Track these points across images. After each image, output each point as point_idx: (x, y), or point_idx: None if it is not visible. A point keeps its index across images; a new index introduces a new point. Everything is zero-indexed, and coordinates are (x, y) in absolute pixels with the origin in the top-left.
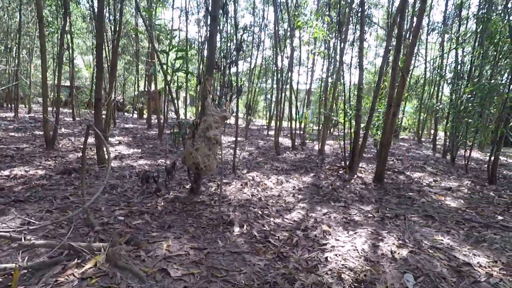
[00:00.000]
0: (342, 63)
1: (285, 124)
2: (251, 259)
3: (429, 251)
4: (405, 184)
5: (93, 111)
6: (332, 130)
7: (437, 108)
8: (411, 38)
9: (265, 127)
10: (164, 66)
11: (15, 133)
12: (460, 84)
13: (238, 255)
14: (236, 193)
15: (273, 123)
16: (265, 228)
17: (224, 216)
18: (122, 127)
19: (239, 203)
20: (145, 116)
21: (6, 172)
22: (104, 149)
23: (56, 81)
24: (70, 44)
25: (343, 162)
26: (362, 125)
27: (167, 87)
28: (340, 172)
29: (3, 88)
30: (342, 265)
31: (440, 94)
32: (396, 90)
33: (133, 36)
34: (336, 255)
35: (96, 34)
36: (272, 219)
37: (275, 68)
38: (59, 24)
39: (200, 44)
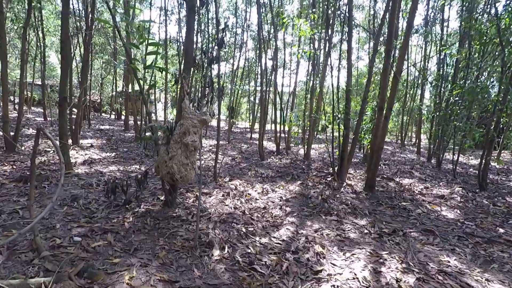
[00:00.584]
0: (328, 63)
1: (268, 127)
2: None
3: (438, 278)
4: (397, 192)
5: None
6: (317, 134)
7: (423, 110)
8: (402, 38)
9: (248, 129)
10: (136, 63)
11: None
12: (444, 87)
13: None
14: (217, 206)
15: (256, 126)
16: (249, 251)
17: (202, 235)
18: (97, 128)
19: (220, 218)
20: (123, 117)
21: None
22: (60, 155)
23: (27, 78)
24: (42, 41)
25: (330, 169)
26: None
27: (137, 86)
28: (328, 179)
29: None
30: None
31: (421, 97)
32: (388, 92)
33: (111, 34)
34: (333, 286)
35: (61, 23)
36: (258, 238)
37: (259, 69)
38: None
39: (180, 44)
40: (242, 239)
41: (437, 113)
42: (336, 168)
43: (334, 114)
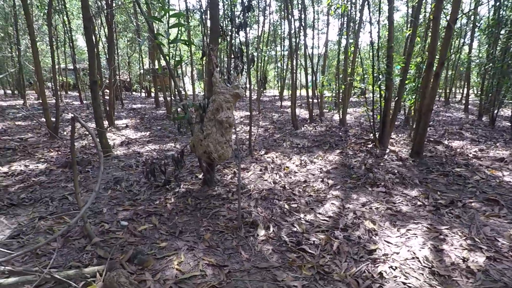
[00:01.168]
0: (364, 18)
1: (297, 93)
2: (284, 277)
3: None
4: (448, 156)
5: (101, 93)
6: (357, 97)
7: (474, 62)
8: None
9: (277, 97)
10: (160, 38)
11: (22, 122)
12: (500, 33)
13: (267, 272)
14: (255, 181)
15: (285, 93)
16: (295, 229)
17: (245, 213)
18: (130, 108)
19: (261, 195)
20: (153, 94)
21: (5, 169)
22: (97, 144)
23: (61, 64)
24: (68, 25)
25: (371, 135)
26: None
27: (163, 62)
28: (369, 146)
29: (1, 76)
30: (404, 284)
31: (470, 48)
32: (439, 45)
33: (132, 11)
34: (392, 267)
35: (81, 5)
36: (302, 215)
37: (285, 32)
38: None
39: (202, 13)
40: (286, 217)
41: (492, 65)
42: (377, 133)
43: (374, 75)
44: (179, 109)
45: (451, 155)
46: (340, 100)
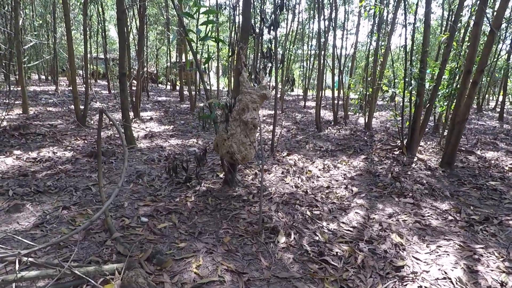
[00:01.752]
0: (396, 20)
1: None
2: None
3: None
4: (481, 168)
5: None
6: (386, 102)
7: None
8: None
9: (301, 97)
10: (191, 34)
11: (53, 108)
12: None
13: (288, 283)
14: (277, 184)
15: (309, 93)
16: (317, 238)
17: (265, 218)
18: (155, 100)
19: (282, 199)
20: (178, 88)
21: (34, 154)
22: (123, 140)
23: (92, 53)
24: (102, 15)
25: (398, 141)
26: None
27: (190, 56)
28: (396, 152)
29: (36, 62)
30: None
31: (509, 54)
32: (479, 51)
33: (163, 4)
34: None
35: (117, 1)
36: (325, 223)
37: (313, 31)
38: None
39: (231, 9)
40: (307, 224)
41: None
42: (405, 140)
43: (406, 80)
44: (205, 107)
45: (484, 166)
46: (366, 103)
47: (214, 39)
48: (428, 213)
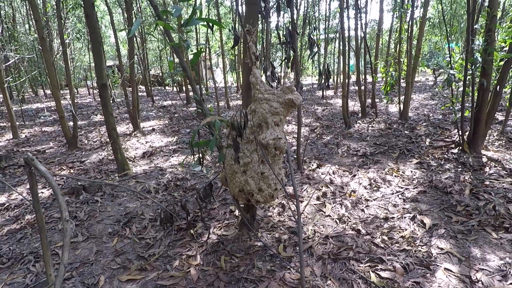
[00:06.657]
0: None
1: (335, 79)
2: None
3: None
4: None
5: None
6: (447, 90)
7: None
8: None
9: (315, 86)
10: (166, 19)
11: (50, 127)
12: None
13: None
14: (314, 218)
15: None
16: None
17: None
18: (160, 105)
19: (327, 249)
20: (184, 89)
21: (4, 198)
22: (115, 157)
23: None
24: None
25: (455, 134)
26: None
27: (175, 54)
28: (454, 151)
29: (22, 79)
30: None
31: None
32: None
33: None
34: None
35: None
36: None
37: (324, 12)
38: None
39: None
40: None
41: None
42: (465, 134)
43: (467, 56)
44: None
45: None
46: (399, 88)
47: (205, 22)
48: None
